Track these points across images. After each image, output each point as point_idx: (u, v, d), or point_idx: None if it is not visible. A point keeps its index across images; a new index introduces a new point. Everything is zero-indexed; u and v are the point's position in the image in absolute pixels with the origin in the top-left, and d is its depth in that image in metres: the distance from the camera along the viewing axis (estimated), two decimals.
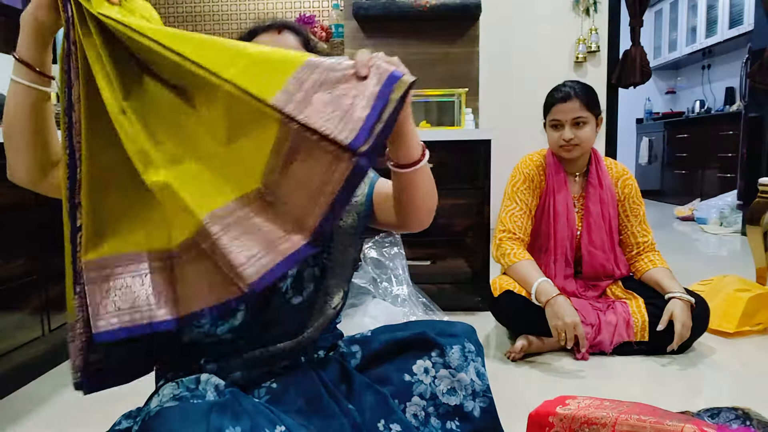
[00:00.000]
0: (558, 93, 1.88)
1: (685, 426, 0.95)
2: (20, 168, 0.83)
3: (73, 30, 0.72)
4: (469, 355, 0.95)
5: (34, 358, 1.72)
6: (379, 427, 0.86)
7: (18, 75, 0.79)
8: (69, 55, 0.73)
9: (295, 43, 1.01)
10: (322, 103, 0.69)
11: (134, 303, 0.75)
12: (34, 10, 0.78)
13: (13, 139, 0.81)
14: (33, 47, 0.79)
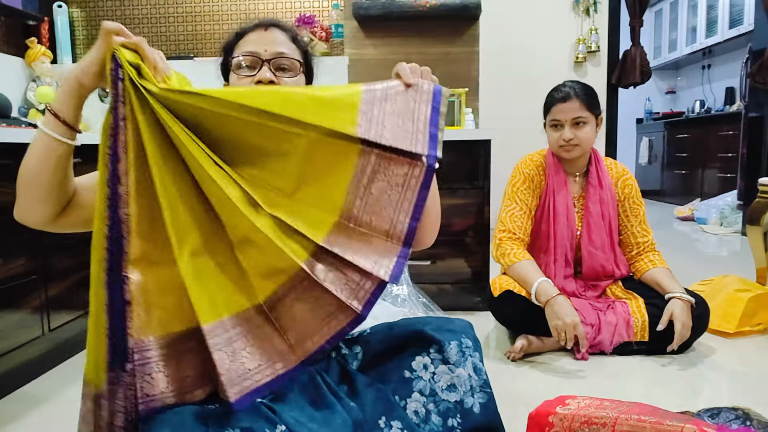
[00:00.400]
0: (558, 93, 1.88)
1: (685, 426, 0.95)
2: (32, 214, 0.84)
3: (123, 106, 0.74)
4: (466, 350, 0.96)
5: (34, 358, 1.72)
6: (380, 424, 0.86)
7: (50, 128, 0.81)
8: (116, 129, 0.74)
9: (283, 36, 1.03)
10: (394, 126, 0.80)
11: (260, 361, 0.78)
12: (81, 75, 0.80)
13: (32, 189, 0.82)
14: (70, 105, 0.81)
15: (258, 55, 0.99)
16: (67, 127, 0.81)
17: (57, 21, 2.86)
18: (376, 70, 2.85)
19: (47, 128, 0.80)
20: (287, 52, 1.01)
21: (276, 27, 1.03)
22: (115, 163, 0.74)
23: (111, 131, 0.74)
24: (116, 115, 0.74)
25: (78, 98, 0.81)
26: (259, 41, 1.00)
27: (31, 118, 2.58)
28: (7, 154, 1.60)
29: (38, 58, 2.66)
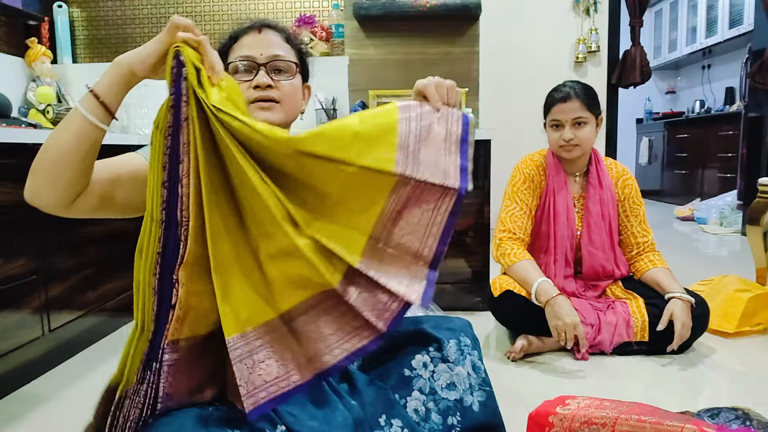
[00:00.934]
0: (558, 93, 1.88)
1: (685, 426, 0.95)
2: (49, 196, 0.80)
3: (186, 106, 0.73)
4: (465, 348, 0.96)
5: (34, 358, 1.72)
6: (380, 422, 0.87)
7: (90, 112, 0.78)
8: (178, 128, 0.72)
9: (277, 38, 1.03)
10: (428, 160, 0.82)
11: (277, 373, 0.78)
12: (136, 64, 0.77)
13: (57, 173, 0.78)
14: (116, 92, 0.79)
15: (254, 59, 1.00)
16: (106, 112, 0.79)
17: (57, 21, 2.86)
18: (377, 70, 2.85)
19: (86, 110, 0.77)
20: (282, 54, 1.01)
21: (269, 28, 1.03)
22: (176, 164, 0.73)
23: (170, 130, 0.72)
24: (178, 114, 0.72)
25: (126, 86, 0.79)
26: (254, 45, 1.01)
27: (31, 118, 2.58)
28: (7, 154, 1.60)
29: (38, 58, 2.66)
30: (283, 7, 2.89)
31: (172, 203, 0.73)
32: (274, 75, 1.00)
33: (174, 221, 0.73)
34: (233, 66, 1.00)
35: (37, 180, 0.79)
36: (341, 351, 0.80)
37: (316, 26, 2.83)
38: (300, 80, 1.06)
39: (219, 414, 0.78)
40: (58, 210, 0.82)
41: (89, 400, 0.81)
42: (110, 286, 2.11)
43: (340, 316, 0.80)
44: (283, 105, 1.01)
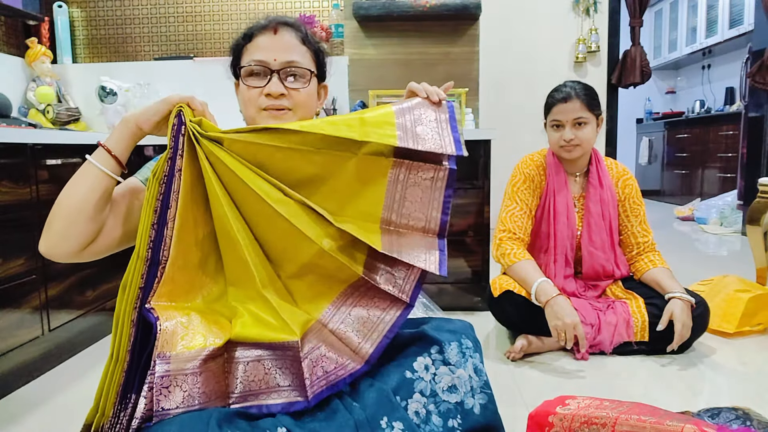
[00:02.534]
0: (558, 93, 1.88)
1: (685, 426, 0.95)
2: (67, 246, 0.86)
3: (180, 158, 0.83)
4: (466, 351, 0.96)
5: (34, 358, 1.72)
6: (381, 424, 0.86)
7: (101, 163, 0.86)
8: (171, 178, 0.82)
9: (293, 39, 1.00)
10: (424, 134, 0.93)
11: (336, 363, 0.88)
12: (143, 122, 0.87)
13: (72, 224, 0.84)
14: (125, 146, 0.88)
15: (267, 65, 0.97)
16: (118, 163, 0.87)
17: (57, 21, 2.86)
18: (377, 70, 2.85)
19: (97, 162, 0.86)
20: (297, 60, 0.99)
21: (285, 26, 1.00)
22: (166, 209, 0.81)
23: (165, 179, 0.82)
24: (173, 166, 0.82)
25: (133, 140, 0.89)
26: (268, 48, 0.98)
27: (31, 118, 2.58)
28: (7, 154, 1.60)
29: (38, 58, 2.66)
30: (283, 7, 2.89)
31: (157, 243, 0.81)
32: (287, 82, 0.98)
33: (156, 259, 0.81)
34: (246, 70, 0.98)
35: (53, 233, 0.85)
36: (378, 333, 0.89)
37: (316, 26, 2.83)
38: (315, 84, 1.04)
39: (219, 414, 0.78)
40: (72, 258, 0.88)
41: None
42: (110, 285, 2.11)
43: (369, 302, 0.90)
44: (295, 112, 0.99)
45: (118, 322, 0.81)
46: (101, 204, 0.86)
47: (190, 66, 2.80)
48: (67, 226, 0.84)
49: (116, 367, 0.81)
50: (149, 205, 0.82)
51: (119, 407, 0.79)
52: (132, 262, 0.82)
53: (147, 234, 0.81)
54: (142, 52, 2.96)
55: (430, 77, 2.83)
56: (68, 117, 2.70)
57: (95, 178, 0.85)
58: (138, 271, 0.81)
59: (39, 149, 1.71)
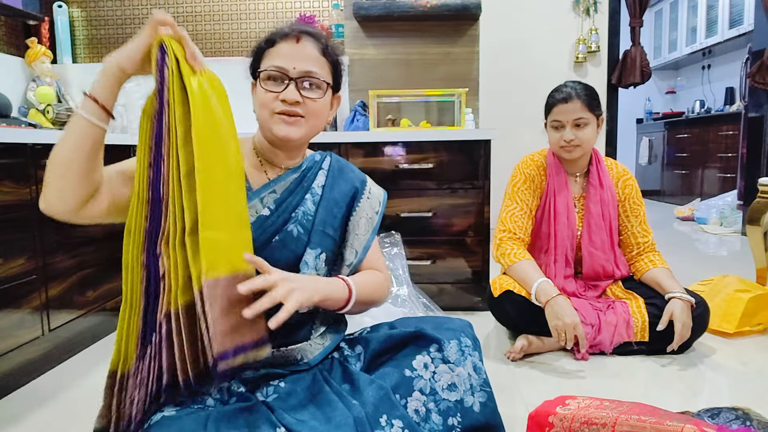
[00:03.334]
0: (559, 93, 1.88)
1: (685, 426, 0.95)
2: (62, 204, 0.85)
3: (168, 91, 0.80)
4: (465, 349, 0.96)
5: (34, 358, 1.72)
6: (381, 422, 0.87)
7: (88, 113, 0.84)
8: (161, 113, 0.80)
9: (314, 50, 1.01)
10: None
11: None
12: (124, 61, 0.84)
13: (64, 178, 0.84)
14: (110, 91, 0.85)
15: (286, 72, 0.98)
16: (104, 111, 0.85)
17: (57, 21, 2.86)
18: (377, 70, 2.85)
19: (86, 113, 0.83)
20: (316, 71, 1.00)
21: (308, 36, 1.01)
22: (160, 144, 0.79)
23: (156, 115, 0.80)
24: (161, 99, 0.80)
25: (117, 84, 0.85)
26: (289, 55, 0.99)
27: (31, 118, 2.58)
28: (7, 154, 1.60)
29: (38, 58, 2.66)
30: (283, 7, 2.89)
31: (157, 181, 0.79)
32: (303, 91, 0.99)
33: (158, 197, 0.79)
34: (265, 74, 0.99)
35: (51, 188, 0.84)
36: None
37: (316, 26, 2.83)
38: (330, 96, 1.05)
39: (218, 414, 0.78)
40: (70, 216, 0.87)
41: (89, 399, 0.81)
42: (110, 285, 2.11)
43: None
44: (307, 120, 1.00)
45: (128, 268, 0.81)
46: (92, 155, 0.84)
47: None
48: (59, 180, 0.84)
49: (132, 313, 0.81)
50: (144, 145, 0.81)
51: (141, 352, 0.80)
52: (133, 205, 0.82)
53: (145, 174, 0.80)
54: None
55: (430, 77, 2.83)
56: (68, 117, 2.70)
57: (82, 128, 0.83)
58: (141, 214, 0.80)
59: (39, 149, 1.71)
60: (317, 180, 1.07)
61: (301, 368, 0.98)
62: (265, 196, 1.00)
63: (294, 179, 1.04)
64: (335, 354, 1.04)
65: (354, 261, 1.07)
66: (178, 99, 0.80)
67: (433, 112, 2.77)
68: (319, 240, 1.02)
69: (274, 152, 1.05)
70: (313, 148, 1.17)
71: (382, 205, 1.13)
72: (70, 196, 0.84)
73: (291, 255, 0.99)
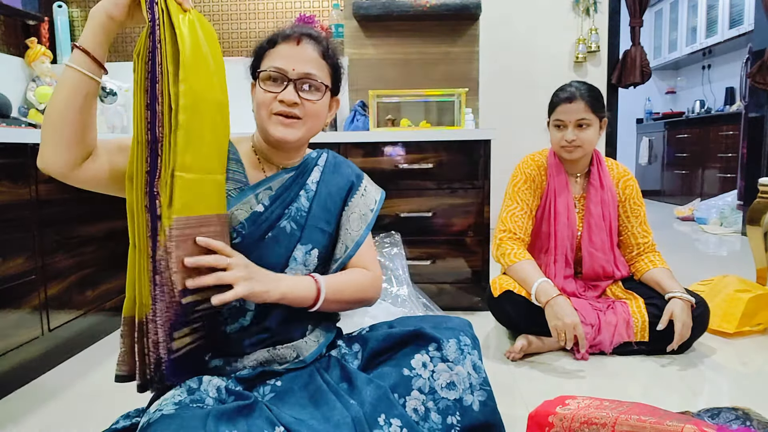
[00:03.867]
0: (563, 93, 1.87)
1: (685, 426, 0.95)
2: (57, 158, 0.85)
3: (159, 29, 0.79)
4: (464, 348, 0.96)
5: (33, 358, 1.72)
6: (379, 421, 0.87)
7: (78, 64, 0.82)
8: (154, 51, 0.79)
9: (314, 53, 1.01)
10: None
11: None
12: (111, 7, 0.82)
13: (58, 131, 0.83)
14: (99, 40, 0.84)
15: (285, 73, 0.98)
16: (95, 62, 0.83)
17: (57, 21, 2.86)
18: (377, 69, 2.85)
19: (76, 64, 0.82)
20: (315, 74, 1.00)
21: (309, 39, 1.01)
22: (154, 84, 0.79)
23: (150, 55, 0.79)
24: (154, 39, 0.79)
25: (106, 33, 0.84)
26: (289, 57, 0.99)
27: (31, 118, 2.58)
28: (7, 154, 1.60)
29: (38, 58, 2.66)
30: (283, 7, 2.89)
31: (153, 122, 0.80)
32: (302, 93, 0.99)
33: (154, 138, 0.80)
34: (264, 74, 0.99)
35: (46, 145, 0.85)
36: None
37: (316, 26, 2.83)
38: (328, 98, 1.05)
39: (218, 411, 0.78)
40: (66, 174, 0.87)
41: (89, 399, 0.81)
42: (109, 285, 2.11)
43: None
44: (305, 122, 1.01)
45: (132, 212, 0.82)
46: (85, 108, 0.84)
47: None
48: (54, 135, 0.84)
49: (140, 256, 0.81)
50: (139, 87, 0.80)
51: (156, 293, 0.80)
52: (133, 150, 0.81)
53: (142, 116, 0.80)
54: None
55: (430, 77, 2.83)
56: None
57: (74, 80, 0.82)
58: (141, 157, 0.81)
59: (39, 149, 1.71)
60: (312, 176, 1.07)
61: (296, 366, 0.98)
62: (260, 192, 1.01)
63: (290, 176, 1.05)
64: (333, 352, 1.04)
65: (342, 257, 1.06)
66: (168, 37, 0.80)
67: (433, 112, 2.77)
68: (310, 236, 1.02)
69: (273, 152, 1.05)
70: (313, 148, 1.17)
71: (377, 203, 1.13)
72: (65, 152, 0.84)
73: (283, 251, 1.00)
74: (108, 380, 1.69)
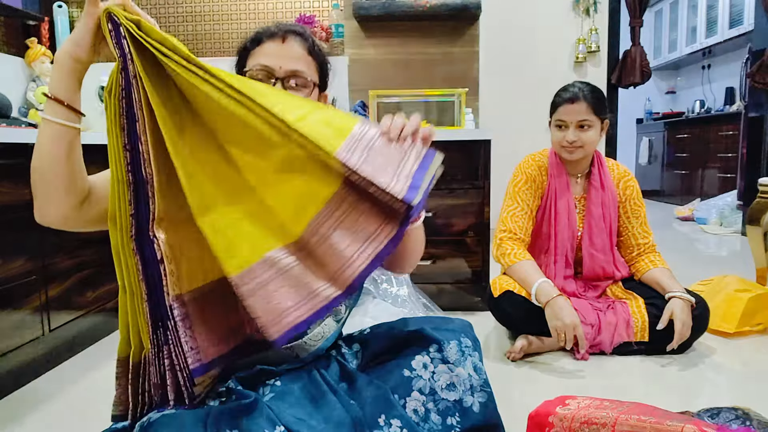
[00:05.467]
0: (566, 93, 1.87)
1: (685, 426, 0.95)
2: (53, 209, 0.82)
3: (132, 65, 0.72)
4: (466, 349, 0.96)
5: (34, 358, 1.72)
6: (379, 422, 0.86)
7: (54, 115, 0.79)
8: (129, 88, 0.73)
9: (300, 49, 1.00)
10: (376, 162, 0.77)
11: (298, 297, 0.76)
12: (74, 49, 0.78)
13: (48, 183, 0.80)
14: (70, 86, 0.79)
15: (272, 71, 0.97)
16: (70, 110, 0.79)
17: (57, 21, 2.86)
18: (377, 70, 2.85)
19: (51, 116, 0.78)
20: (302, 70, 0.99)
21: (294, 35, 1.00)
22: (133, 123, 0.73)
23: (123, 93, 0.73)
24: (126, 75, 0.73)
25: (75, 77, 0.79)
26: (275, 54, 0.98)
27: (31, 118, 2.58)
28: (7, 154, 1.60)
29: (38, 58, 2.66)
30: (283, 7, 2.89)
31: (135, 162, 0.74)
32: (290, 90, 0.98)
33: (141, 179, 0.75)
34: (250, 74, 0.98)
35: (39, 197, 0.82)
36: (361, 261, 0.78)
37: (316, 26, 2.83)
38: (316, 94, 1.04)
39: (219, 412, 0.78)
40: (67, 222, 0.84)
41: (89, 400, 0.81)
42: (110, 286, 2.11)
43: (353, 224, 0.78)
44: None
45: (119, 256, 0.77)
46: (71, 156, 0.80)
47: None
48: (45, 188, 0.81)
49: (134, 300, 0.78)
50: (114, 125, 0.74)
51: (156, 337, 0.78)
52: (113, 190, 0.76)
53: (120, 157, 0.75)
54: None
55: (430, 77, 2.83)
56: None
57: (53, 132, 0.79)
58: (123, 197, 0.75)
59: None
60: None
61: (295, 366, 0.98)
62: None
63: None
64: (333, 352, 1.04)
65: None
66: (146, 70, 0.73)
67: (433, 112, 2.77)
68: None
69: None
70: None
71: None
72: (62, 202, 0.82)
73: None
74: (108, 380, 1.69)
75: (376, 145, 0.78)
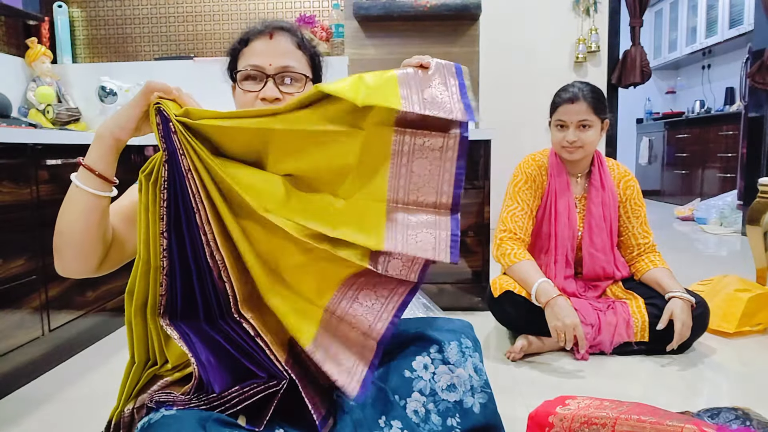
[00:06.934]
0: (566, 93, 1.87)
1: (685, 426, 0.95)
2: (83, 267, 0.84)
3: (185, 158, 0.74)
4: (466, 350, 0.96)
5: (34, 358, 1.72)
6: (380, 423, 0.86)
7: (88, 185, 0.80)
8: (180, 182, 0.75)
9: (289, 45, 1.00)
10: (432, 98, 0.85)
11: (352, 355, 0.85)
12: (118, 132, 0.80)
13: (78, 246, 0.82)
14: (107, 162, 0.81)
15: (263, 69, 0.97)
16: (104, 181, 0.81)
17: (57, 21, 2.86)
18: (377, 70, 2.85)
19: (84, 185, 0.80)
20: (293, 65, 0.99)
21: (281, 31, 1.00)
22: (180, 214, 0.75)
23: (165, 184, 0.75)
24: (174, 168, 0.74)
25: (114, 153, 0.81)
26: (264, 52, 0.98)
27: (31, 118, 2.58)
28: (7, 154, 1.60)
29: (38, 58, 2.66)
30: (283, 7, 2.89)
31: (177, 251, 0.76)
32: (283, 87, 0.98)
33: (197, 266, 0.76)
34: (242, 74, 0.98)
35: (63, 258, 0.83)
36: (387, 314, 0.85)
37: (316, 26, 2.83)
38: (310, 87, 1.04)
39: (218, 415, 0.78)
40: (90, 274, 0.86)
41: (89, 400, 0.82)
42: (110, 286, 2.11)
43: (375, 286, 0.86)
44: None
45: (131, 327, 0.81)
46: (103, 223, 0.83)
47: (190, 66, 2.80)
48: (74, 249, 0.82)
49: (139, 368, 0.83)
50: (151, 213, 0.76)
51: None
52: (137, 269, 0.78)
53: (156, 243, 0.76)
54: (142, 52, 2.96)
55: None
56: (68, 117, 2.70)
57: (86, 200, 0.80)
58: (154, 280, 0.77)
59: (39, 149, 1.71)
60: None
61: None
62: None
63: None
64: None
65: None
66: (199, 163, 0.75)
67: None
68: None
69: None
70: None
71: None
72: (91, 259, 0.83)
73: None
74: (108, 380, 1.69)
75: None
